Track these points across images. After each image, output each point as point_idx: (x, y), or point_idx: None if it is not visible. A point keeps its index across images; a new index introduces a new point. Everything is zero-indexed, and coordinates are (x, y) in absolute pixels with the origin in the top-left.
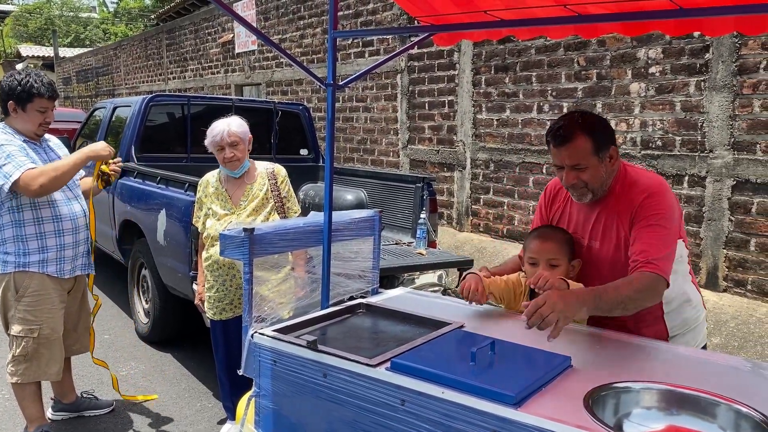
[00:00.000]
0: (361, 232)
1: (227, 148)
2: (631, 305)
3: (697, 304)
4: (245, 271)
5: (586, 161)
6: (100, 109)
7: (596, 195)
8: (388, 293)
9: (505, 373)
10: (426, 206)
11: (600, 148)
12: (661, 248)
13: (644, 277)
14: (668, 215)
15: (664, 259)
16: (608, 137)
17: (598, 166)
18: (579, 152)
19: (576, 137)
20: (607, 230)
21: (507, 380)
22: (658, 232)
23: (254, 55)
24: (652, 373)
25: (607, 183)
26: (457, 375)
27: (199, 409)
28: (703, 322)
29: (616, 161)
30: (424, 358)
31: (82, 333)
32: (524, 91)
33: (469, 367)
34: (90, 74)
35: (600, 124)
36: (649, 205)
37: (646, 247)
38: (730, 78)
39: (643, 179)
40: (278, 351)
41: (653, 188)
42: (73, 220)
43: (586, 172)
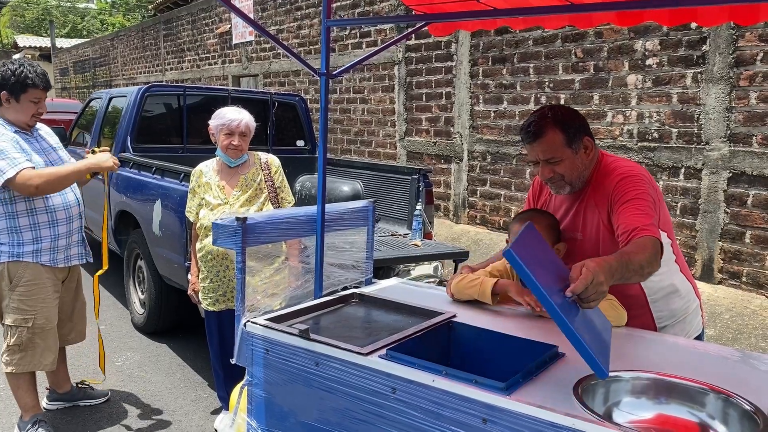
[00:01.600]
0: (355, 223)
1: (237, 136)
2: (647, 270)
3: (686, 294)
4: (238, 261)
5: (560, 154)
6: (96, 100)
7: (574, 187)
8: (382, 283)
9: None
10: (422, 198)
11: (572, 140)
12: (646, 217)
13: (648, 241)
14: (644, 194)
15: (652, 225)
16: (580, 128)
17: (573, 157)
18: (551, 146)
19: (547, 131)
20: (588, 222)
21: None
22: (637, 204)
23: (251, 45)
24: (643, 363)
25: (584, 174)
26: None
27: (194, 399)
28: (696, 313)
29: (591, 152)
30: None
31: (77, 322)
32: (521, 83)
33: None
34: (87, 65)
35: (570, 116)
36: (624, 186)
37: (631, 219)
38: (727, 70)
39: (619, 167)
40: (270, 340)
41: (627, 172)
42: (67, 210)
43: (561, 165)
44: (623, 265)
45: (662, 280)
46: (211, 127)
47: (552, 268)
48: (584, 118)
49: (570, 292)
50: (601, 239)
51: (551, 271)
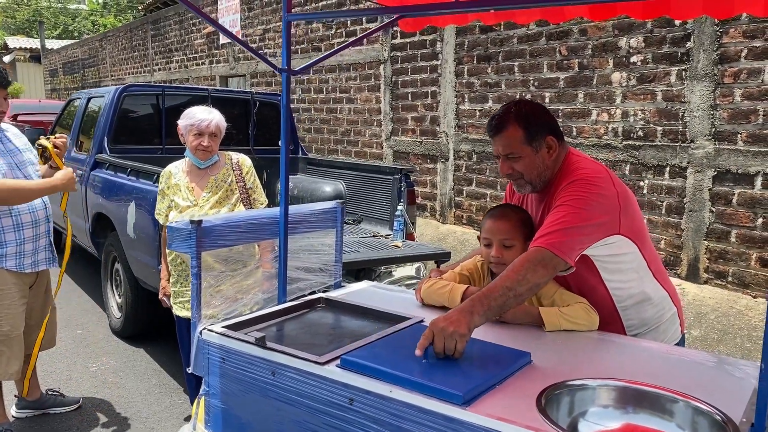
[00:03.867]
0: (322, 225)
1: (207, 136)
2: (521, 287)
3: (660, 302)
4: (193, 265)
5: (519, 150)
6: (76, 100)
7: (535, 186)
8: (351, 287)
9: (458, 371)
10: (404, 198)
11: (533, 138)
12: (555, 225)
13: (526, 254)
14: (583, 201)
15: (557, 233)
16: (543, 126)
17: (533, 155)
18: (511, 141)
19: (508, 126)
20: (543, 221)
21: (458, 378)
22: (561, 211)
23: (238, 46)
24: (613, 369)
25: (545, 174)
26: (407, 373)
27: (168, 405)
28: (672, 321)
29: (555, 152)
30: (375, 355)
31: (47, 328)
32: (506, 81)
33: (422, 364)
34: (76, 66)
35: (535, 114)
36: (564, 192)
37: (545, 225)
38: (712, 67)
39: (577, 169)
40: (227, 348)
41: (579, 176)
42: (33, 213)
43: (519, 162)
44: (483, 297)
45: (632, 288)
46: (179, 126)
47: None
48: (551, 117)
49: (418, 352)
50: None
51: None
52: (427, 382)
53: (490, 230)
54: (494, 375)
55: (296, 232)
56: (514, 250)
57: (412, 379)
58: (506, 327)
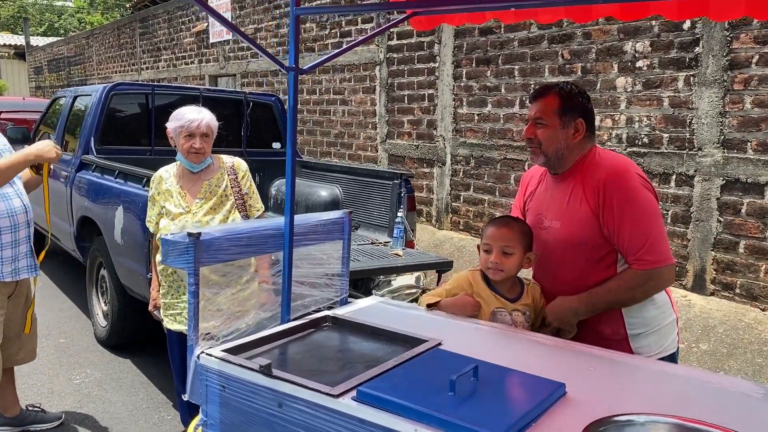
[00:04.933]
0: (328, 236)
1: (198, 138)
2: (628, 303)
3: (663, 305)
4: (190, 283)
5: (548, 118)
6: (61, 99)
7: (549, 160)
8: (359, 303)
9: (490, 405)
10: (403, 204)
11: (565, 112)
12: (642, 237)
13: (632, 277)
14: (635, 194)
15: (650, 246)
16: (579, 108)
17: (558, 129)
18: (545, 107)
19: (548, 94)
20: (570, 209)
21: (492, 415)
22: (636, 219)
23: (229, 45)
24: (657, 402)
25: (562, 152)
26: (434, 409)
27: (157, 421)
28: (671, 328)
29: (580, 136)
30: (396, 387)
31: (26, 340)
32: (506, 85)
33: (448, 397)
34: (62, 64)
35: (576, 94)
36: (614, 187)
37: (627, 242)
38: (721, 73)
39: (607, 161)
40: (227, 375)
41: (615, 169)
42: (12, 217)
43: (544, 130)
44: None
45: None
46: (169, 129)
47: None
48: (590, 106)
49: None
50: (578, 231)
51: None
52: (458, 421)
53: (491, 236)
54: (530, 410)
55: (301, 245)
56: (513, 258)
57: (441, 417)
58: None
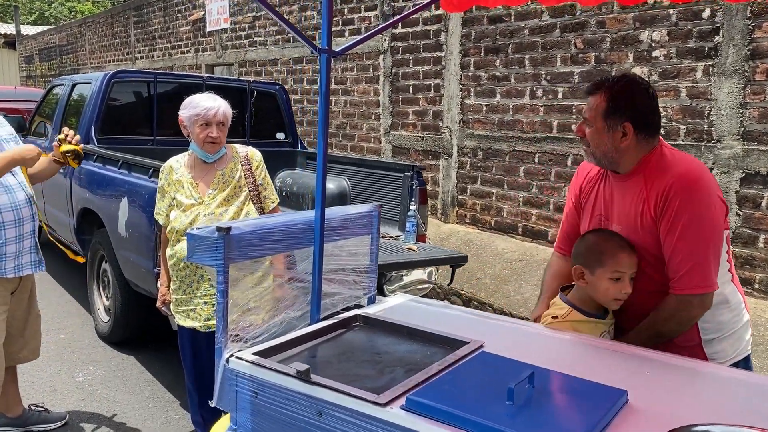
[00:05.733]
0: (356, 231)
1: (215, 126)
2: (667, 335)
3: (736, 307)
4: (219, 281)
5: (594, 120)
6: (59, 87)
7: (599, 161)
8: (387, 302)
9: (550, 416)
10: (415, 197)
11: (610, 115)
12: (687, 256)
13: (669, 302)
14: (700, 211)
15: (693, 268)
16: (627, 111)
17: (602, 132)
18: (591, 107)
19: (597, 92)
20: (633, 214)
21: (555, 427)
22: (688, 237)
23: (226, 33)
24: (724, 410)
25: (611, 156)
26: (493, 420)
27: (165, 421)
28: (745, 330)
29: (628, 141)
30: (447, 395)
31: (30, 338)
32: (516, 75)
33: (506, 407)
34: (53, 53)
35: (628, 94)
36: (678, 195)
37: (670, 257)
38: (742, 63)
39: (677, 164)
40: (260, 381)
41: (685, 176)
42: (16, 211)
43: (590, 131)
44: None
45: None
46: (182, 118)
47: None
48: (646, 106)
49: None
50: (640, 238)
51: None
52: None
53: (624, 264)
54: (595, 420)
55: (330, 240)
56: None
57: (503, 429)
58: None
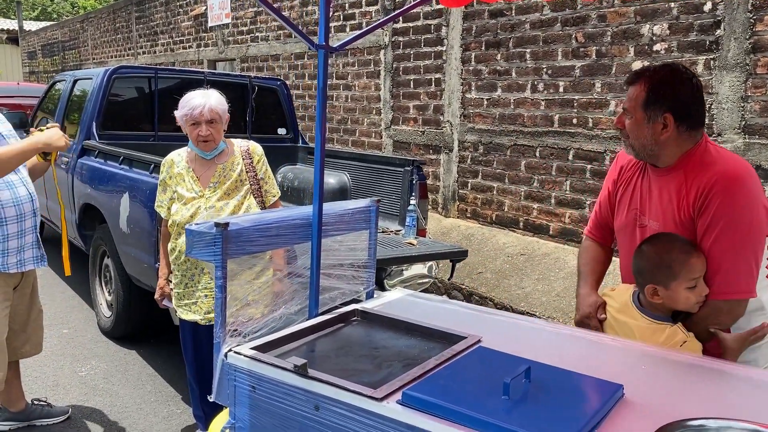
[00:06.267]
0: (354, 226)
1: (204, 125)
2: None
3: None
4: (218, 276)
5: (633, 110)
6: (60, 82)
7: (638, 153)
8: (386, 296)
9: (546, 410)
10: (415, 192)
11: (650, 106)
12: (724, 260)
13: (713, 312)
14: (741, 213)
15: (728, 273)
16: (667, 100)
17: (642, 123)
18: (631, 97)
19: (637, 83)
20: (670, 210)
21: (551, 421)
22: (723, 241)
23: (228, 29)
24: (721, 405)
25: (650, 148)
26: (489, 414)
27: (166, 415)
28: None
29: (668, 132)
30: (444, 390)
31: (32, 333)
32: (517, 69)
33: (502, 402)
34: (56, 48)
35: (668, 84)
36: (720, 193)
37: (712, 265)
38: (743, 56)
39: (721, 162)
40: (258, 375)
41: (728, 175)
42: (17, 207)
43: (629, 122)
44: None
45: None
46: (177, 117)
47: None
48: (688, 97)
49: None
50: (679, 230)
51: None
52: (516, 428)
53: (696, 269)
54: (590, 414)
55: (328, 235)
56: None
57: (498, 424)
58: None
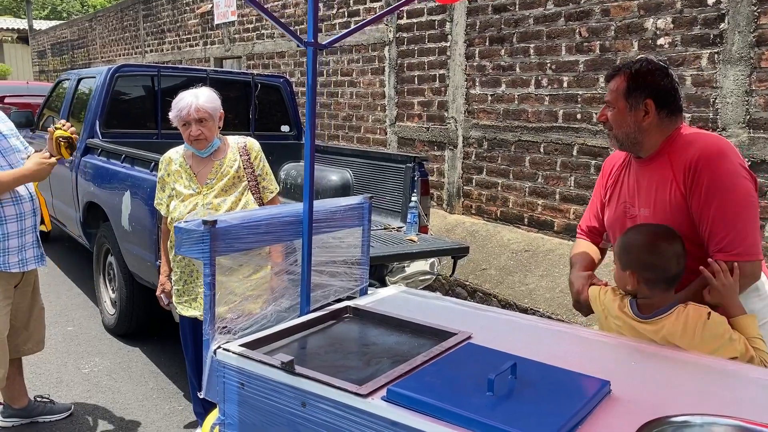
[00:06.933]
0: (347, 223)
1: (194, 124)
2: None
3: (767, 296)
4: (206, 274)
5: (615, 102)
6: (65, 81)
7: (622, 144)
8: (380, 293)
9: (531, 406)
10: (417, 188)
11: (631, 94)
12: (728, 224)
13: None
14: (731, 180)
15: (736, 236)
16: (647, 88)
17: (625, 112)
18: (612, 90)
19: (617, 76)
20: (659, 195)
21: (535, 417)
22: (724, 206)
23: (234, 26)
24: (708, 401)
25: (634, 136)
26: (472, 410)
27: (168, 412)
28: None
29: (650, 118)
30: (428, 386)
31: (34, 331)
32: (521, 65)
33: (486, 398)
34: (65, 47)
35: (647, 74)
36: (707, 167)
37: (710, 228)
38: (747, 50)
39: (701, 139)
40: (246, 372)
41: (710, 149)
42: (17, 206)
43: (612, 113)
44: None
45: None
46: (171, 118)
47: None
48: (667, 85)
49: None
50: (669, 218)
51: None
52: (499, 424)
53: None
54: (575, 411)
55: (320, 232)
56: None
57: (480, 420)
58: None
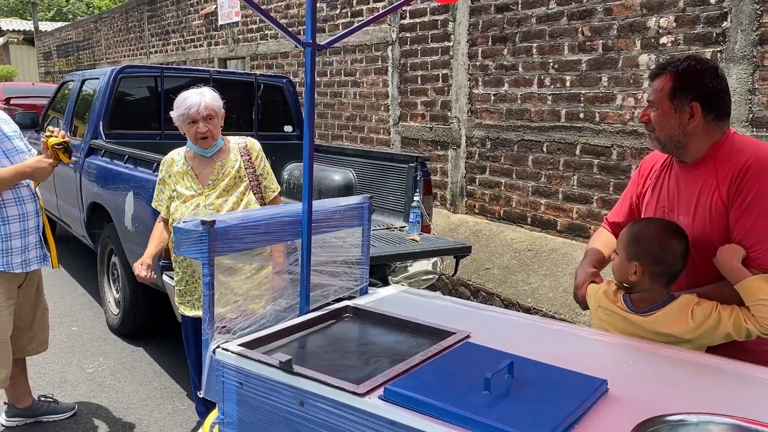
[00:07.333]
0: (347, 223)
1: (201, 122)
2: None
3: None
4: (205, 274)
5: (659, 102)
6: (70, 82)
7: (664, 146)
8: (379, 293)
9: (527, 406)
10: (420, 188)
11: (677, 95)
12: (762, 236)
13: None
14: None
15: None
16: (694, 89)
17: (669, 114)
18: (657, 90)
19: (662, 74)
20: (699, 203)
21: (531, 416)
22: (765, 216)
23: (238, 27)
24: (704, 400)
25: (677, 139)
26: (469, 410)
27: (171, 411)
28: None
29: (695, 122)
30: (426, 385)
31: (38, 331)
32: (524, 64)
33: (483, 397)
34: (71, 48)
35: (694, 74)
36: (756, 175)
37: (747, 232)
38: (750, 48)
39: (752, 147)
40: (245, 371)
41: (761, 158)
42: (21, 206)
43: (655, 114)
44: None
45: None
46: (173, 118)
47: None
48: (715, 87)
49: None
50: (710, 228)
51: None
52: (495, 423)
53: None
54: (572, 410)
55: (319, 232)
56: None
57: (476, 419)
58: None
